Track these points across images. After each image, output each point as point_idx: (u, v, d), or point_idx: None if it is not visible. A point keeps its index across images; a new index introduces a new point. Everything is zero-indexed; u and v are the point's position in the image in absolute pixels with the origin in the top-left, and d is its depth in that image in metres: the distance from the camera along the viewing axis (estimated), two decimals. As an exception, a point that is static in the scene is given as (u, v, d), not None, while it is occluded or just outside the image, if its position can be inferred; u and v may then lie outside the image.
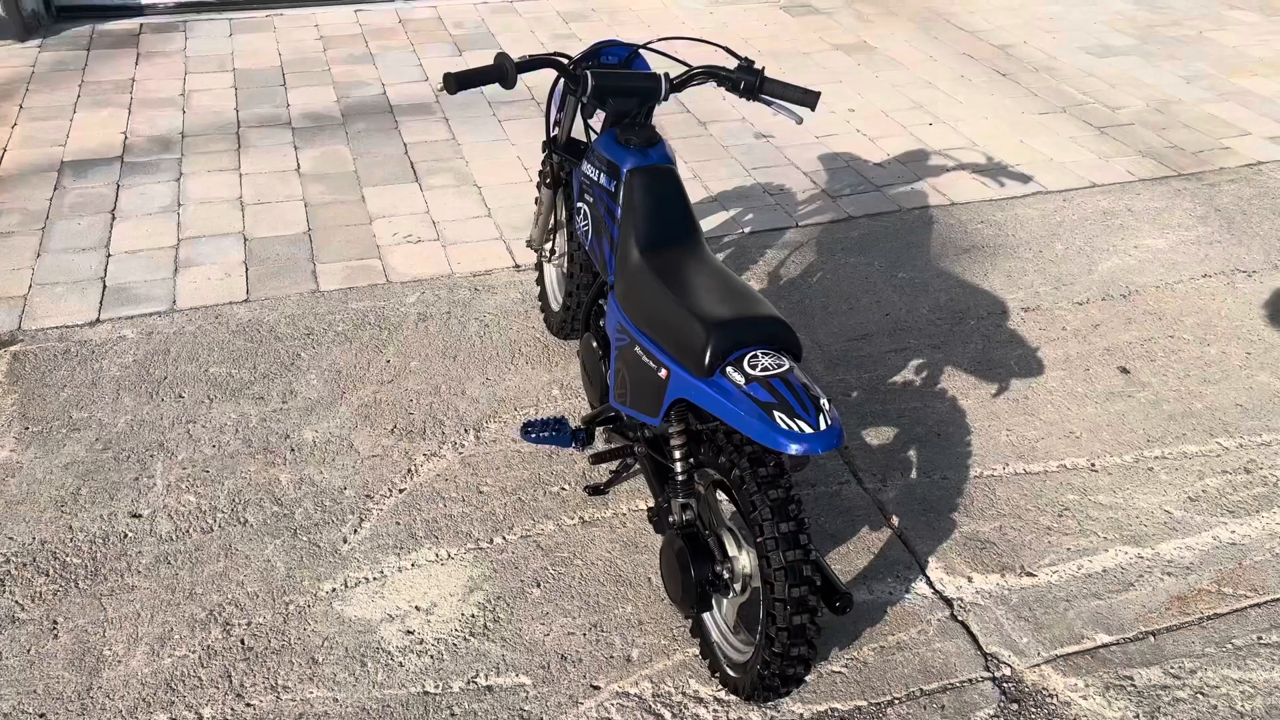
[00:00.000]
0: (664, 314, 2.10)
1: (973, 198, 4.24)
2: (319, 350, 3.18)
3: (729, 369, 1.95)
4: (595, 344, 2.58)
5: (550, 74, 5.05)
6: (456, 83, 2.24)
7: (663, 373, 2.11)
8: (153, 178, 4.11)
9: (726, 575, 2.12)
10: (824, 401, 1.87)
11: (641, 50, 2.85)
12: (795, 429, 1.82)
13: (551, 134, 2.77)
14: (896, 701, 2.24)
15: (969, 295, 3.61)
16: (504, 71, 2.28)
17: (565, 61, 2.54)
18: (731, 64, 5.49)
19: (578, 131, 3.10)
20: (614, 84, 2.39)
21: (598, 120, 2.64)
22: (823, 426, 1.83)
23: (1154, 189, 4.37)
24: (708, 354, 1.96)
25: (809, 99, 2.43)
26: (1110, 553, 2.63)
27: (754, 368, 1.93)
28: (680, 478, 2.17)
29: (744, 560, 2.11)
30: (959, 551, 2.61)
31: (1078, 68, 5.58)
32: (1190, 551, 2.64)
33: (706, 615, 2.27)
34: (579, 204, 2.56)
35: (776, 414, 1.84)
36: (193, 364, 3.10)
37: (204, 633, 2.30)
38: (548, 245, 3.06)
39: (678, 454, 2.16)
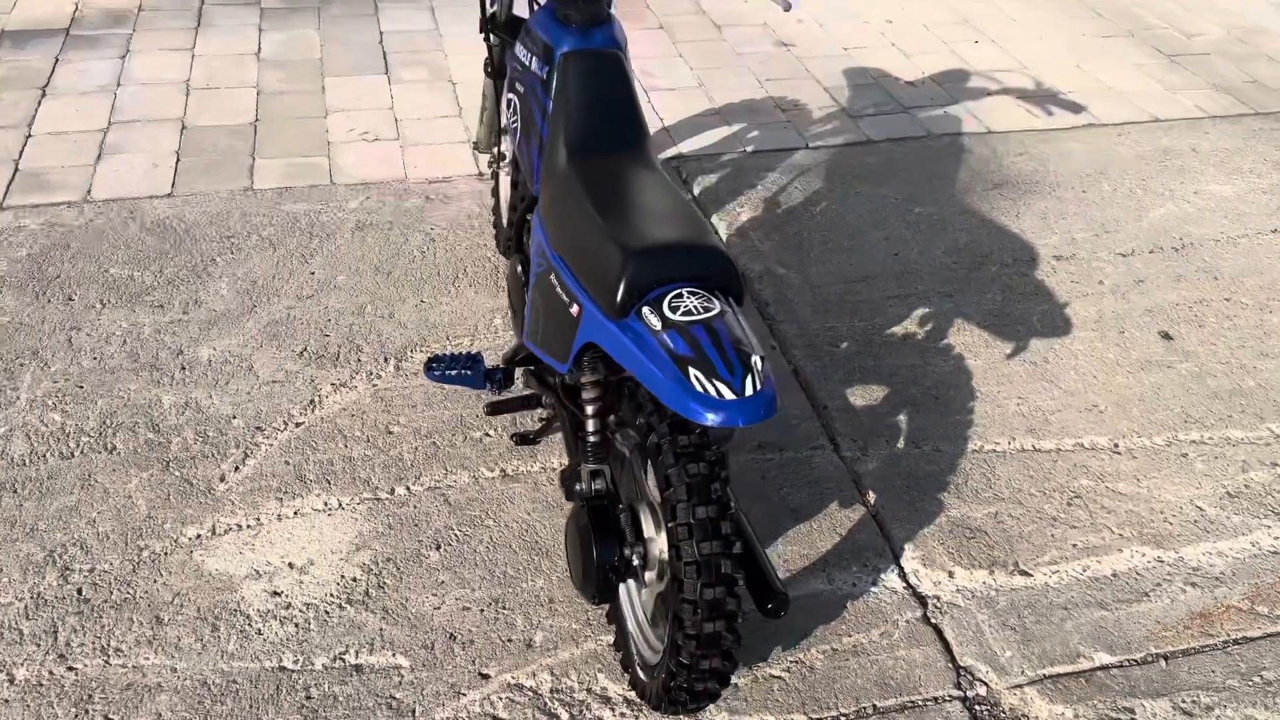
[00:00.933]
0: (582, 236, 1.68)
1: (1014, 126, 3.72)
2: (237, 256, 2.80)
3: (645, 310, 1.53)
4: (520, 268, 2.17)
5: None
6: None
7: (574, 309, 1.70)
8: (96, 53, 3.71)
9: (637, 561, 1.73)
10: (756, 360, 1.46)
11: None
12: (713, 392, 1.41)
13: (490, 9, 2.32)
14: (843, 718, 1.86)
15: (993, 237, 3.13)
16: None
17: None
18: None
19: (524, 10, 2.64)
20: None
21: None
22: (749, 391, 1.42)
23: (1225, 128, 3.81)
24: (620, 288, 1.54)
25: None
26: (1124, 553, 2.20)
27: (674, 310, 1.51)
28: (591, 438, 1.77)
29: (662, 544, 1.73)
30: (943, 540, 2.20)
31: (1153, -12, 4.95)
32: (1222, 559, 2.21)
33: (624, 600, 1.90)
34: (508, 95, 2.13)
35: (692, 372, 1.43)
36: (92, 262, 2.74)
37: (37, 577, 1.97)
38: (495, 149, 2.63)
39: (589, 409, 1.76)
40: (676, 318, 1.49)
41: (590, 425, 1.76)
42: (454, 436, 2.32)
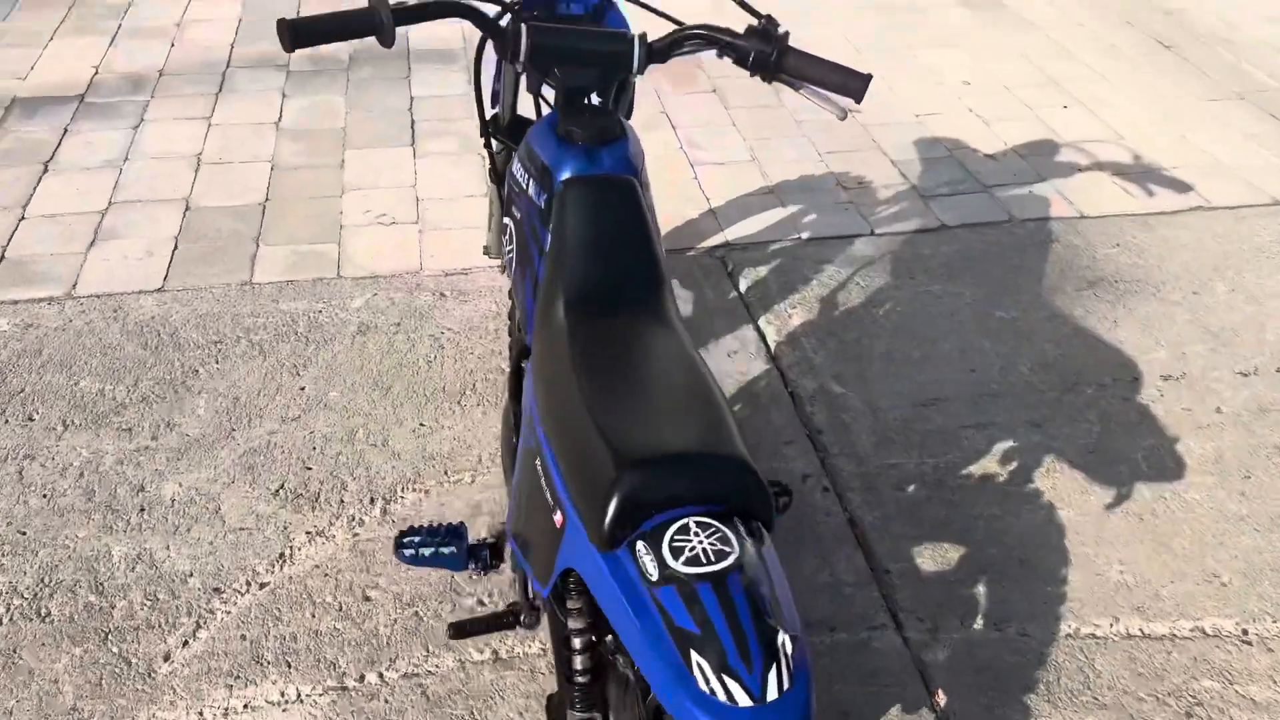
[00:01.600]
0: (568, 423, 1.32)
1: (1110, 210, 3.28)
2: (222, 366, 2.51)
3: (640, 546, 1.16)
4: (515, 421, 1.82)
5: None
6: (293, 36, 1.48)
7: (558, 517, 1.33)
8: (108, 123, 3.49)
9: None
10: (784, 640, 1.07)
11: None
12: (720, 693, 1.03)
13: (491, 111, 1.99)
14: None
15: (1088, 350, 2.69)
16: (376, 22, 1.51)
17: (493, 7, 1.76)
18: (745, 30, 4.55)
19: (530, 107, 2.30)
20: (560, 45, 1.61)
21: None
22: (771, 694, 1.03)
23: (1359, 211, 3.32)
24: (608, 512, 1.17)
25: (852, 84, 1.59)
26: (1262, 788, 1.76)
27: (677, 553, 1.14)
28: (579, 679, 1.40)
29: None
30: (1029, 762, 1.78)
31: (1264, 41, 4.45)
32: (1389, 800, 1.75)
33: None
34: (505, 219, 1.79)
35: (694, 657, 1.05)
36: (63, 373, 2.46)
37: (-66, 789, 1.67)
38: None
39: (576, 642, 1.39)
40: (679, 566, 1.12)
41: (577, 664, 1.39)
42: (440, 605, 1.97)
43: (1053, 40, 4.41)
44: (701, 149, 3.51)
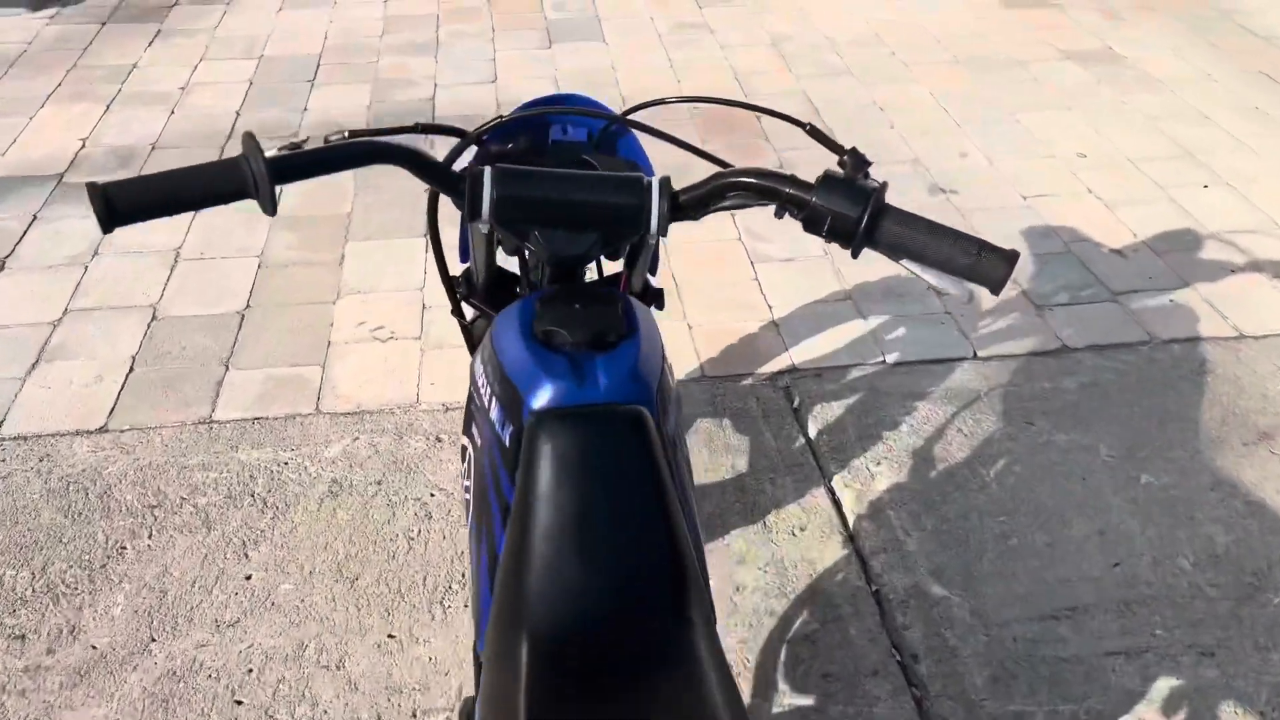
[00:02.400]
0: None
1: (1278, 326, 2.63)
2: (156, 542, 2.01)
3: None
4: None
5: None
6: (107, 211, 0.97)
7: None
8: (82, 210, 3.06)
9: None
10: None
11: (637, 121, 1.40)
12: None
13: (463, 264, 1.46)
14: None
15: (1272, 533, 2.05)
16: (242, 179, 1.00)
17: (448, 146, 1.26)
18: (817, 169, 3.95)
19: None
20: (539, 197, 1.08)
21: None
22: None
23: None
24: None
25: (987, 267, 1.03)
26: None
27: None
28: None
29: None
30: None
31: None
32: None
33: None
34: (462, 437, 1.25)
35: None
36: (-41, 550, 1.99)
37: None
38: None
39: None
40: None
41: None
42: None
43: (1182, 100, 3.76)
44: (764, 240, 2.95)
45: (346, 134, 1.12)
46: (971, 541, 2.03)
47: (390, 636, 1.83)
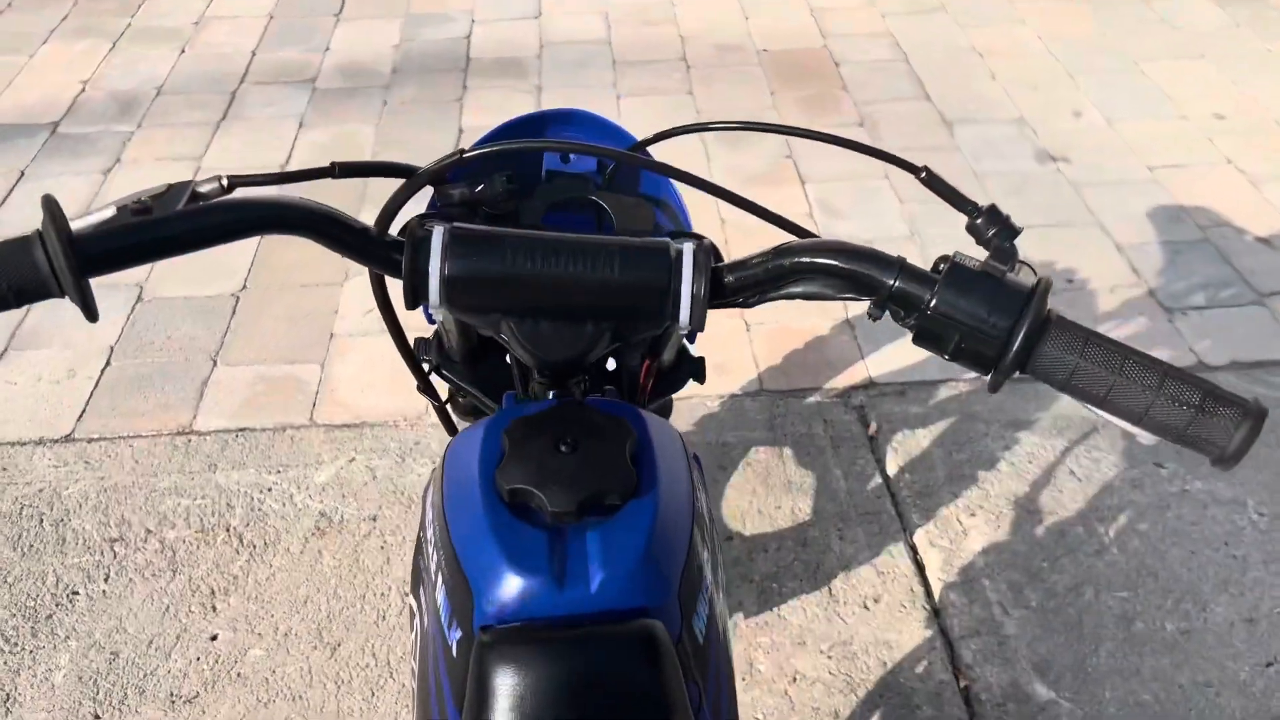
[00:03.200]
0: None
1: None
2: (112, 587, 1.72)
3: None
4: None
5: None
6: None
7: None
8: (76, 164, 2.75)
9: None
10: None
11: (655, 162, 0.93)
12: None
13: (424, 328, 1.09)
14: None
15: None
16: (37, 273, 0.65)
17: (387, 180, 0.88)
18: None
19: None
20: (504, 273, 0.72)
21: None
22: None
23: None
24: None
25: (1209, 432, 0.65)
26: None
27: None
28: None
29: None
30: None
31: None
32: None
33: None
34: (409, 596, 0.90)
35: None
36: (-110, 589, 1.72)
37: None
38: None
39: None
40: None
41: None
42: None
43: (1340, 48, 3.20)
44: (840, 216, 2.53)
45: (224, 181, 0.76)
46: (1085, 626, 1.64)
47: (374, 726, 1.53)
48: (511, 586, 0.67)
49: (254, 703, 1.55)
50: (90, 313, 0.68)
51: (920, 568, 1.74)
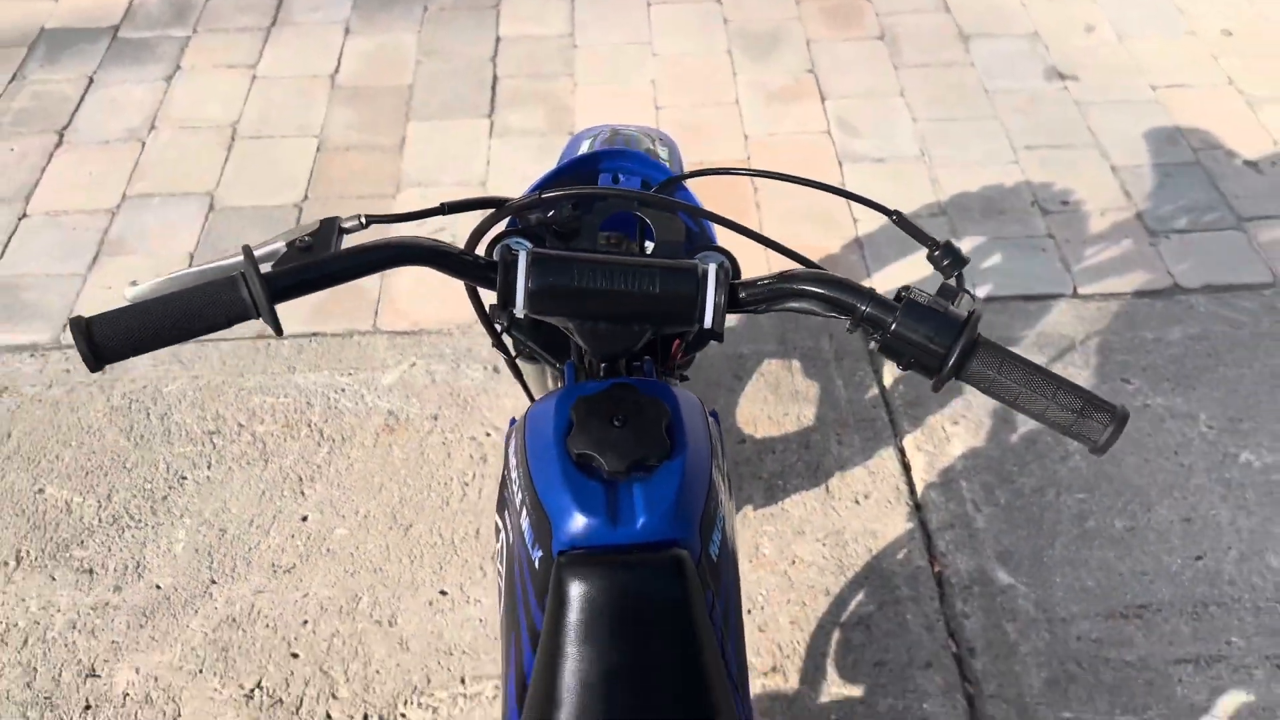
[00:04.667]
0: None
1: None
2: (215, 473, 2.02)
3: None
4: None
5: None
6: (92, 349, 0.87)
7: None
8: (139, 71, 2.93)
9: None
10: None
11: (678, 203, 1.15)
12: None
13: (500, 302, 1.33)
14: None
15: (1377, 529, 1.91)
16: (239, 301, 0.89)
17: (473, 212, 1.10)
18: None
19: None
20: (573, 287, 0.96)
21: None
22: None
23: None
24: None
25: (1088, 426, 0.90)
26: None
27: None
28: None
29: None
30: None
31: None
32: None
33: None
34: (495, 515, 1.17)
35: None
36: (29, 471, 2.02)
37: None
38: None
39: None
40: None
41: None
42: None
43: (1359, -41, 3.25)
44: (856, 135, 2.70)
45: (362, 219, 0.99)
46: (1045, 522, 1.93)
47: (442, 593, 1.84)
48: (580, 523, 0.93)
49: (341, 573, 1.87)
50: (279, 330, 0.91)
51: (906, 469, 2.01)
